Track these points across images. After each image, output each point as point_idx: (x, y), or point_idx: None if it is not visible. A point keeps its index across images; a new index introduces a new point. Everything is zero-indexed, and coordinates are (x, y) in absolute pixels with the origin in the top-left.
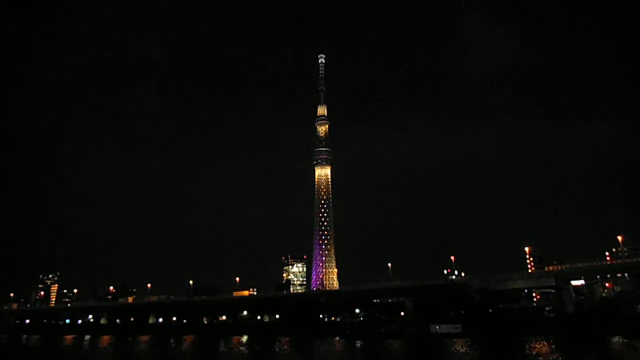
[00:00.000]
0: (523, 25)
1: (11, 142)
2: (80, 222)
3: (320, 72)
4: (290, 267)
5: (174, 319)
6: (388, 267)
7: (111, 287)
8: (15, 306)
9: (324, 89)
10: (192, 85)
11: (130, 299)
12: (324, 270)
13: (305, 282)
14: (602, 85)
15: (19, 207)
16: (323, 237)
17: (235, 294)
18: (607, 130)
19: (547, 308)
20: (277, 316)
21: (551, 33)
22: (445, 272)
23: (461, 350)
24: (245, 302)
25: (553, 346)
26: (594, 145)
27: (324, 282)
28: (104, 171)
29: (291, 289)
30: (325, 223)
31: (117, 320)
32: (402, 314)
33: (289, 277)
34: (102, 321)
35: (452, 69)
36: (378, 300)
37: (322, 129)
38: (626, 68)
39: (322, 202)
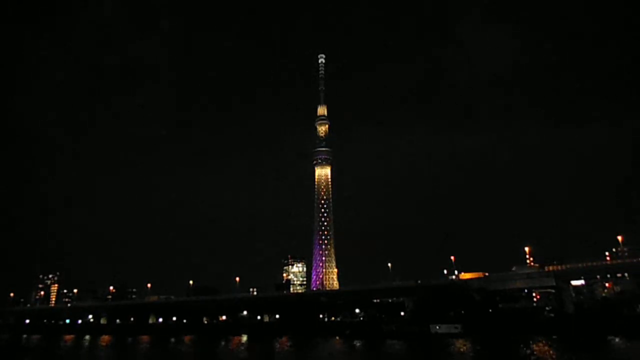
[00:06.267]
0: (523, 25)
1: (11, 142)
2: (81, 222)
3: (320, 72)
4: (290, 267)
5: (174, 319)
6: (388, 267)
7: (111, 287)
8: (15, 306)
9: (324, 89)
10: (191, 86)
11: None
12: (324, 270)
13: (305, 282)
14: (602, 85)
15: (19, 207)
16: (323, 237)
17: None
18: (607, 130)
19: (547, 308)
20: (277, 316)
21: (551, 33)
22: (445, 272)
23: (461, 350)
24: (245, 302)
25: (553, 346)
26: (594, 145)
27: (324, 282)
28: (104, 171)
29: (291, 289)
30: (325, 223)
31: (117, 320)
32: (402, 314)
33: (289, 277)
34: (102, 321)
35: (451, 69)
36: (378, 300)
37: (322, 129)
38: (626, 67)
39: (322, 202)
